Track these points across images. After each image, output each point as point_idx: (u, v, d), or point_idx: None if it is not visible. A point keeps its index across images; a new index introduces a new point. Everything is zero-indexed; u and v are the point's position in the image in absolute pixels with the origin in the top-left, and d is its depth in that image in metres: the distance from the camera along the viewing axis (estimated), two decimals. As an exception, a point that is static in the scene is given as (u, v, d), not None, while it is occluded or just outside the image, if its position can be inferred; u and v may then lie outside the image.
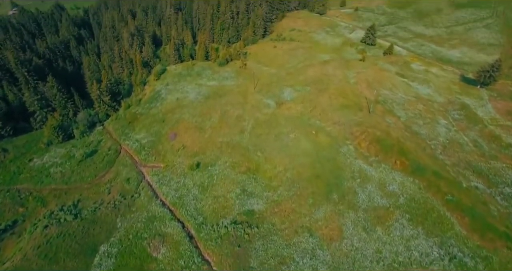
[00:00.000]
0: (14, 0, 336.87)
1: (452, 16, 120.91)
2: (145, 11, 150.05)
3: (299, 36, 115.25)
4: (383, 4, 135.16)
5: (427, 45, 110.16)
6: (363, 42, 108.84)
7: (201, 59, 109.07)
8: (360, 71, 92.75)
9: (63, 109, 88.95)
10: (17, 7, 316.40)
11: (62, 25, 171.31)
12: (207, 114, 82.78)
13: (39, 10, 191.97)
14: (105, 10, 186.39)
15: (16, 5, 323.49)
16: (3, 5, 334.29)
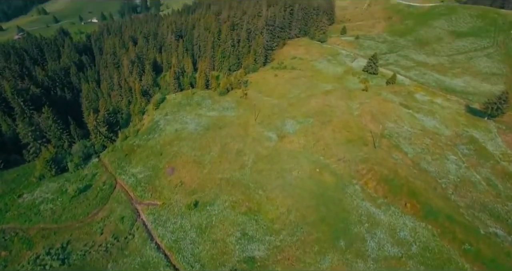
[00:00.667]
0: (20, 25, 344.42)
1: (453, 45, 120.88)
2: (146, 37, 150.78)
3: (301, 64, 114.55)
4: (384, 32, 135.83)
5: (430, 74, 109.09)
6: (365, 71, 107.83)
7: (201, 88, 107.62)
8: (363, 102, 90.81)
9: (58, 141, 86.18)
10: (23, 32, 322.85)
11: (64, 51, 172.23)
12: (206, 148, 79.92)
13: (43, 36, 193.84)
14: (107, 36, 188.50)
15: (22, 30, 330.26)
16: (10, 30, 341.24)
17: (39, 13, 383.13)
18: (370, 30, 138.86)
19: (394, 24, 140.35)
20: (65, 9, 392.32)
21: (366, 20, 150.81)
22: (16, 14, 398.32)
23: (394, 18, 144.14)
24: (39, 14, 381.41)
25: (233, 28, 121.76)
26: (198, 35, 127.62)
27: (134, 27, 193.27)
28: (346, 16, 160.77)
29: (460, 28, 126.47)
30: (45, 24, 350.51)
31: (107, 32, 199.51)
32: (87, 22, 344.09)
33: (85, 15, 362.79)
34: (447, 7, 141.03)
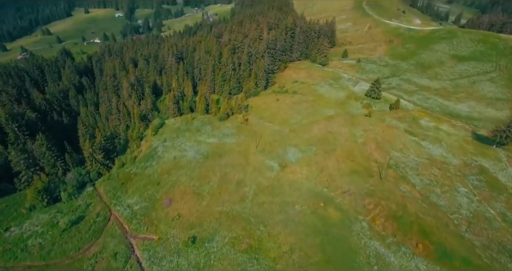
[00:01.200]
0: (24, 45, 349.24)
1: (455, 69, 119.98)
2: (146, 59, 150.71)
3: (302, 88, 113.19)
4: (385, 55, 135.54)
5: (433, 98, 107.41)
6: (368, 96, 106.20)
7: (201, 113, 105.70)
8: (367, 129, 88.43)
9: (52, 168, 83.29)
10: (26, 52, 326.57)
11: (65, 72, 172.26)
12: (205, 178, 76.85)
13: (44, 57, 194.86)
14: (108, 57, 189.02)
15: (25, 50, 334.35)
16: (14, 49, 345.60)
17: (43, 33, 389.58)
18: (372, 54, 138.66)
19: (395, 47, 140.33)
20: (69, 30, 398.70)
21: (367, 43, 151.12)
22: (21, 34, 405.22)
23: (395, 41, 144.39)
24: (43, 35, 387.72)
25: (234, 52, 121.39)
26: (198, 58, 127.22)
27: (135, 48, 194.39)
28: (347, 39, 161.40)
29: (462, 52, 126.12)
30: (48, 44, 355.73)
31: (108, 53, 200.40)
32: (90, 42, 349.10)
33: (88, 35, 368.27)
34: (447, 31, 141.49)
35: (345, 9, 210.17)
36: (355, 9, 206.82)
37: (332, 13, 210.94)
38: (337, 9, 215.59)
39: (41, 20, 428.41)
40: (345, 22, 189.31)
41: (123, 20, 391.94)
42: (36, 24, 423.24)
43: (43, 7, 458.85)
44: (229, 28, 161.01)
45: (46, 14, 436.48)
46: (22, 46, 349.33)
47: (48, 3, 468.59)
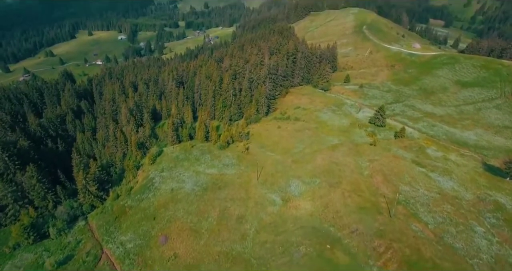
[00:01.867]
0: (26, 67, 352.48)
1: (459, 95, 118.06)
2: (146, 83, 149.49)
3: (304, 115, 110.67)
4: (388, 80, 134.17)
5: (439, 125, 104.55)
6: (372, 123, 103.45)
7: (200, 140, 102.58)
8: (373, 159, 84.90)
9: (41, 201, 79.04)
10: (28, 74, 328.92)
11: (64, 95, 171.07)
12: (204, 213, 72.55)
13: (44, 80, 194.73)
14: (109, 80, 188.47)
15: (28, 71, 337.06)
16: (17, 71, 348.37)
17: (46, 55, 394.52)
18: (374, 79, 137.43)
19: (397, 72, 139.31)
20: (72, 52, 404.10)
21: (369, 68, 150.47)
22: (25, 56, 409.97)
23: (396, 66, 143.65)
24: (46, 56, 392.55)
25: (235, 77, 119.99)
26: (199, 83, 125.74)
27: (135, 71, 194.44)
28: (348, 63, 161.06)
29: (465, 78, 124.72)
30: (50, 66, 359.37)
31: (109, 76, 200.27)
32: (92, 64, 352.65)
33: (90, 57, 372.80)
34: (449, 56, 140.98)
35: (346, 34, 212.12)
36: (356, 34, 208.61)
37: (333, 37, 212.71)
38: (337, 33, 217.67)
39: (45, 42, 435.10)
40: (346, 46, 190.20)
41: (126, 42, 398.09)
42: (41, 46, 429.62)
43: (48, 29, 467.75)
44: (230, 53, 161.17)
45: (51, 37, 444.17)
46: (25, 67, 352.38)
47: (53, 26, 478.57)
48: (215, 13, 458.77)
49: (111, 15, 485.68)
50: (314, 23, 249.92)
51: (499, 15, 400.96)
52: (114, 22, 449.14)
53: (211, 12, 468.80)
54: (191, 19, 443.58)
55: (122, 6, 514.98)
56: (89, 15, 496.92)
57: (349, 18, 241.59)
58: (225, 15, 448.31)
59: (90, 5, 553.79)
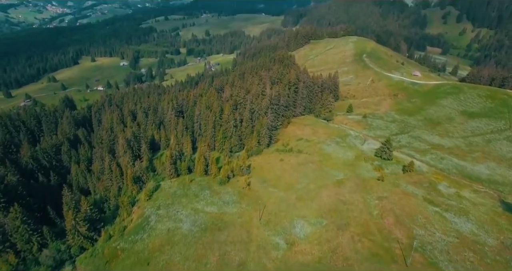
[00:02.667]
0: (28, 92, 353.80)
1: (466, 126, 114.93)
2: (146, 112, 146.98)
3: (308, 147, 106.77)
4: (392, 110, 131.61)
5: (448, 158, 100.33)
6: (379, 156, 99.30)
7: (199, 174, 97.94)
8: (381, 197, 79.97)
9: (25, 244, 73.04)
10: (29, 99, 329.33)
11: (62, 123, 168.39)
12: (202, 258, 66.61)
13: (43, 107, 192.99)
14: (108, 107, 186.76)
15: (29, 97, 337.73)
16: (18, 96, 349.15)
17: (49, 80, 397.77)
18: (377, 108, 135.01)
19: (401, 102, 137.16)
20: (74, 77, 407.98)
21: (371, 97, 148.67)
22: (28, 81, 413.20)
23: (399, 95, 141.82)
24: (49, 82, 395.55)
25: (236, 108, 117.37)
26: (199, 113, 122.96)
27: (135, 99, 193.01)
28: (350, 92, 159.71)
29: (471, 108, 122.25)
30: (52, 91, 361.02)
31: (109, 103, 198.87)
32: (93, 90, 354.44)
33: (92, 83, 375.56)
34: (452, 86, 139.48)
35: (346, 62, 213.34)
36: (356, 62, 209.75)
37: (333, 66, 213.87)
38: (338, 61, 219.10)
39: (49, 68, 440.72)
40: (346, 74, 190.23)
41: (128, 68, 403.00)
42: (44, 71, 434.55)
43: (52, 55, 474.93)
44: (231, 81, 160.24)
45: (55, 62, 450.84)
46: (27, 93, 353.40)
47: (57, 52, 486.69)
48: (216, 41, 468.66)
49: (114, 42, 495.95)
50: (314, 51, 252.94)
51: (493, 43, 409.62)
52: (117, 49, 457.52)
53: (212, 39, 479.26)
54: (192, 46, 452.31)
55: (125, 33, 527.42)
56: (92, 42, 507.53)
57: (349, 47, 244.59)
58: (226, 42, 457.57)
59: (94, 32, 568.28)
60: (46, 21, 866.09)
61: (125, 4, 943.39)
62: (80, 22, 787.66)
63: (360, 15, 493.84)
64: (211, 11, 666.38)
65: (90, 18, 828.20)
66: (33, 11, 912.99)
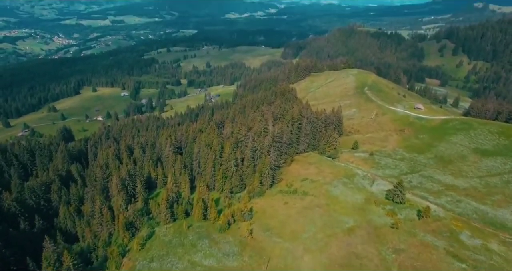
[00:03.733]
0: (27, 122, 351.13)
1: (481, 165, 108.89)
2: (143, 147, 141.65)
3: (313, 188, 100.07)
4: (399, 147, 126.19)
5: (465, 201, 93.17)
6: (390, 200, 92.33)
7: (198, 219, 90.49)
8: (398, 249, 72.20)
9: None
10: (28, 129, 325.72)
11: (56, 156, 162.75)
12: None
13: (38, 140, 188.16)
14: (106, 140, 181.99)
15: (27, 126, 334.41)
16: (17, 126, 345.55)
17: (49, 110, 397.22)
18: (384, 145, 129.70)
19: (408, 138, 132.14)
20: (74, 107, 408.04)
21: (377, 132, 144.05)
22: (29, 111, 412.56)
23: (406, 131, 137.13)
24: (49, 111, 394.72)
25: (237, 146, 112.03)
26: (198, 151, 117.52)
27: (134, 132, 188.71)
28: (354, 126, 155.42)
29: (483, 145, 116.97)
30: (51, 121, 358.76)
31: (106, 136, 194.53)
32: (92, 120, 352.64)
33: (91, 113, 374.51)
34: (461, 121, 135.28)
35: (348, 95, 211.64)
36: (358, 94, 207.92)
37: (335, 98, 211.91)
38: (339, 94, 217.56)
39: (50, 98, 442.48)
40: (349, 107, 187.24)
41: (128, 99, 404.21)
42: (45, 101, 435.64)
43: (54, 85, 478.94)
44: (231, 116, 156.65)
45: (56, 92, 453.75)
46: (25, 123, 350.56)
47: (59, 82, 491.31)
48: (217, 72, 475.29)
49: (116, 72, 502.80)
50: (315, 83, 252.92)
51: (491, 75, 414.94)
52: (118, 79, 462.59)
53: (213, 71, 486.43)
54: (193, 78, 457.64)
55: (127, 64, 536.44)
56: (95, 72, 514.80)
57: (350, 79, 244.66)
58: (226, 74, 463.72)
59: (97, 63, 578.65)
60: (51, 52, 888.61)
61: (129, 36, 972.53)
62: (84, 53, 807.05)
63: (359, 47, 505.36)
64: (212, 43, 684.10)
65: (94, 49, 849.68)
66: (40, 43, 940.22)
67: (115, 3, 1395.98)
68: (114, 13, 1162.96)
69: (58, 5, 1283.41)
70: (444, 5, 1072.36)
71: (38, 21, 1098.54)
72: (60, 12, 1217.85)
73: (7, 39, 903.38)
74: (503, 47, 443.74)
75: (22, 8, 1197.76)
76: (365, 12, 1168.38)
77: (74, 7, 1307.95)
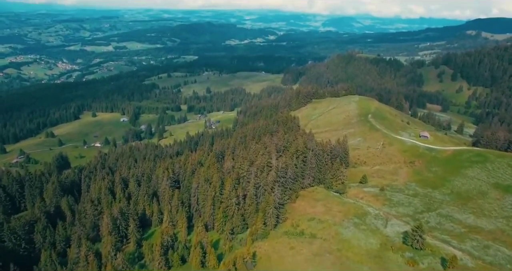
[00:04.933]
0: (23, 148, 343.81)
1: (504, 203, 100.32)
2: (138, 180, 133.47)
3: (322, 230, 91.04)
4: (411, 181, 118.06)
5: (494, 247, 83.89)
6: (409, 245, 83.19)
7: (195, 266, 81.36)
8: (426, 310, 62.36)
9: None
10: (23, 155, 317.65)
11: (47, 188, 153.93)
12: None
13: (28, 171, 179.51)
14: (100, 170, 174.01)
15: (23, 152, 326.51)
16: (13, 152, 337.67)
17: (47, 135, 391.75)
18: (394, 179, 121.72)
19: (420, 171, 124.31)
20: (73, 133, 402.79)
21: (385, 164, 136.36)
22: (26, 136, 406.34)
23: (417, 163, 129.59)
24: (47, 137, 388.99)
25: (238, 182, 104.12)
26: (197, 186, 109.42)
27: (130, 162, 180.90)
28: (360, 157, 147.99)
29: (504, 180, 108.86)
30: (48, 147, 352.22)
31: (102, 165, 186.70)
32: (90, 146, 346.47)
33: (90, 139, 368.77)
34: (476, 153, 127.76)
35: (351, 122, 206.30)
36: (362, 122, 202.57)
37: (338, 126, 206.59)
38: (342, 122, 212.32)
39: (49, 123, 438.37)
40: (353, 136, 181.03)
41: (127, 124, 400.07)
42: (44, 126, 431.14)
43: (54, 110, 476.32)
44: (232, 146, 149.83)
45: (55, 117, 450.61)
46: (21, 148, 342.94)
47: (59, 107, 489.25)
48: (217, 98, 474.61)
49: (117, 97, 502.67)
50: (317, 111, 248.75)
51: (491, 101, 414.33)
52: (118, 105, 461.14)
53: (213, 96, 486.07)
54: (193, 103, 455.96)
55: (127, 89, 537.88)
56: (95, 97, 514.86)
57: (352, 106, 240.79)
58: (226, 99, 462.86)
59: (98, 88, 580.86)
60: (55, 77, 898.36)
61: (131, 62, 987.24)
62: (87, 78, 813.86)
63: (358, 73, 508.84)
64: (213, 69, 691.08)
65: (96, 74, 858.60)
66: (44, 68, 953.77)
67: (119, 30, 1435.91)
68: (117, 40, 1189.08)
69: (64, 32, 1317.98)
70: (438, 32, 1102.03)
71: (44, 47, 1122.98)
72: (66, 39, 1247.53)
73: (13, 64, 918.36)
74: (501, 73, 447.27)
75: (30, 35, 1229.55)
76: (362, 38, 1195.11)
77: (80, 34, 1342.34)
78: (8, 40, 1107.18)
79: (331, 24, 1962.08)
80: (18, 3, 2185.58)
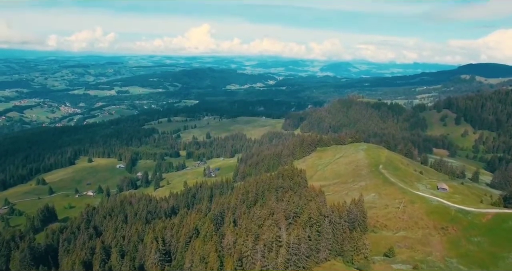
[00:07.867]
0: (10, 197, 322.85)
1: None
2: (123, 251, 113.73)
3: None
4: (451, 257, 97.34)
5: None
6: None
7: None
8: None
9: None
10: (8, 206, 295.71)
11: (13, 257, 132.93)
12: None
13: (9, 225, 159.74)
14: (83, 233, 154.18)
15: (8, 202, 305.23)
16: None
17: (38, 182, 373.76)
18: (427, 251, 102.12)
19: (457, 242, 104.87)
20: (65, 179, 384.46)
21: (411, 229, 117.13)
22: (16, 183, 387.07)
23: (451, 229, 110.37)
24: (38, 184, 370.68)
25: (241, 263, 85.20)
26: (190, 266, 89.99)
27: (118, 222, 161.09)
28: (379, 219, 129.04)
29: None
30: (37, 195, 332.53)
31: (86, 224, 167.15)
32: (82, 195, 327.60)
33: (82, 187, 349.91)
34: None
35: (362, 174, 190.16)
36: (373, 174, 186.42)
37: (347, 179, 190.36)
38: (351, 173, 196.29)
39: (42, 169, 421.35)
40: (366, 191, 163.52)
41: (123, 171, 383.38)
42: (37, 172, 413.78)
43: (49, 155, 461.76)
44: (233, 207, 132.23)
45: (50, 163, 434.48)
46: (7, 198, 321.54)
47: (55, 152, 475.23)
48: (217, 144, 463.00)
49: (115, 142, 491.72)
50: (323, 160, 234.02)
51: (500, 145, 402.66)
52: (115, 150, 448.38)
53: (213, 142, 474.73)
54: (192, 149, 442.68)
55: (126, 134, 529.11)
56: (93, 141, 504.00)
57: (360, 155, 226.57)
58: (226, 145, 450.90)
59: (97, 132, 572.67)
60: (56, 120, 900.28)
61: (132, 105, 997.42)
62: (87, 121, 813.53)
63: (360, 118, 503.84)
64: (213, 114, 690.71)
65: (97, 118, 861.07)
66: (47, 111, 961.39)
67: (123, 75, 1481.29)
68: (120, 84, 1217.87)
69: (70, 77, 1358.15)
70: (432, 77, 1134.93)
71: (49, 91, 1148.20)
72: (70, 83, 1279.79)
73: (16, 108, 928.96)
74: (506, 117, 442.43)
75: (36, 80, 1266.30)
76: (360, 83, 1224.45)
77: (84, 78, 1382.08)
78: (16, 85, 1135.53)
79: (329, 69, 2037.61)
80: (30, 50, 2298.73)
